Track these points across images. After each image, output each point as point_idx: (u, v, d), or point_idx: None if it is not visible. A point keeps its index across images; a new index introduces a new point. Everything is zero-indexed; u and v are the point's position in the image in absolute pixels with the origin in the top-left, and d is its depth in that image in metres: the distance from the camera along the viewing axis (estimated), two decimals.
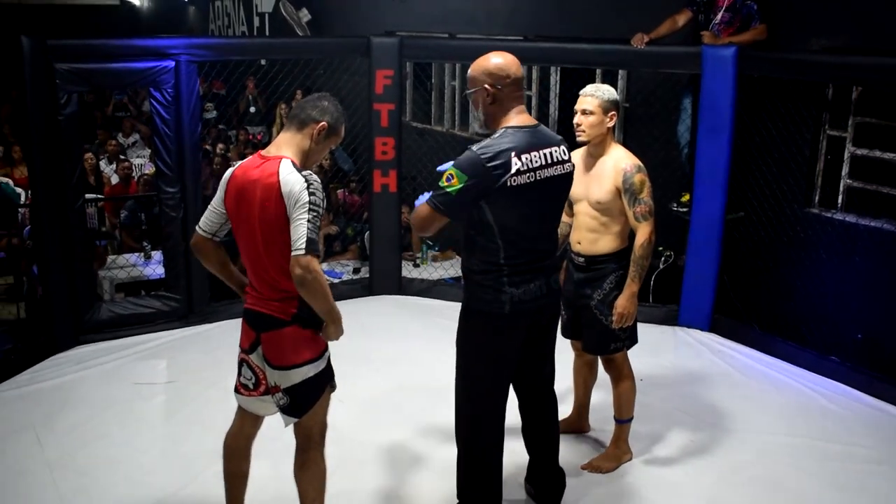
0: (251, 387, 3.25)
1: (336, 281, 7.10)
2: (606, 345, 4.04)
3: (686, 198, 6.09)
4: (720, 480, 4.11)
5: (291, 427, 3.26)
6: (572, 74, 7.25)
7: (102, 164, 9.80)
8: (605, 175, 3.91)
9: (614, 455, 4.20)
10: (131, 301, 6.08)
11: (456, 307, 3.42)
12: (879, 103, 5.41)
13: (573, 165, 3.42)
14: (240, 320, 3.26)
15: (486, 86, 3.26)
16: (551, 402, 3.71)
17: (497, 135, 3.24)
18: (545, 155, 3.26)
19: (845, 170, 5.63)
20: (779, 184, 5.77)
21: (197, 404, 4.83)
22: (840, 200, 5.68)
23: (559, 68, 7.62)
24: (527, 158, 3.19)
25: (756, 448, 4.43)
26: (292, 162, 3.02)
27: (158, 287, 6.46)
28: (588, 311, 4.04)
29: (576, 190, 4.03)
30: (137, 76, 5.58)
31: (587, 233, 4.00)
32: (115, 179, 9.27)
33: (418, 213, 3.30)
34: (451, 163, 3.21)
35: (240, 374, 3.28)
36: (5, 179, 9.03)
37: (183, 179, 5.77)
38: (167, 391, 5.13)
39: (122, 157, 9.98)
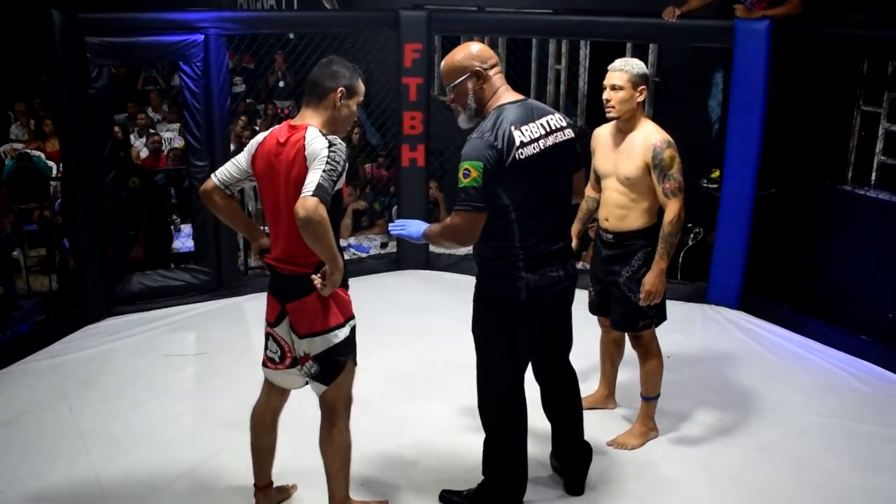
0: (277, 360, 3.28)
1: (364, 255, 7.12)
2: (634, 322, 4.02)
3: (716, 174, 6.04)
4: (747, 459, 4.10)
5: (316, 401, 3.29)
6: (602, 48, 7.20)
7: (132, 137, 9.87)
8: (634, 150, 3.87)
9: (640, 432, 4.20)
10: (161, 274, 6.14)
11: None
12: None
13: (574, 131, 3.37)
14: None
15: (477, 68, 3.24)
16: (569, 376, 3.71)
17: (492, 115, 3.22)
18: (543, 124, 3.24)
19: (879, 146, 5.55)
20: (811, 160, 5.70)
21: (226, 376, 4.88)
22: (874, 177, 5.60)
23: (589, 42, 7.55)
24: (527, 130, 3.19)
25: (784, 427, 4.41)
26: (317, 129, 3.05)
27: (188, 260, 6.52)
28: (616, 288, 4.02)
29: (604, 165, 4.01)
30: (167, 50, 5.60)
31: (615, 209, 3.97)
32: (144, 153, 9.33)
33: (455, 227, 3.19)
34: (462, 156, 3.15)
35: (266, 347, 3.31)
36: (37, 153, 9.12)
37: (212, 153, 5.79)
38: (197, 363, 5.19)
39: (151, 130, 10.03)
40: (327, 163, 2.91)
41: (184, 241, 6.99)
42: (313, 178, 2.89)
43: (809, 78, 5.61)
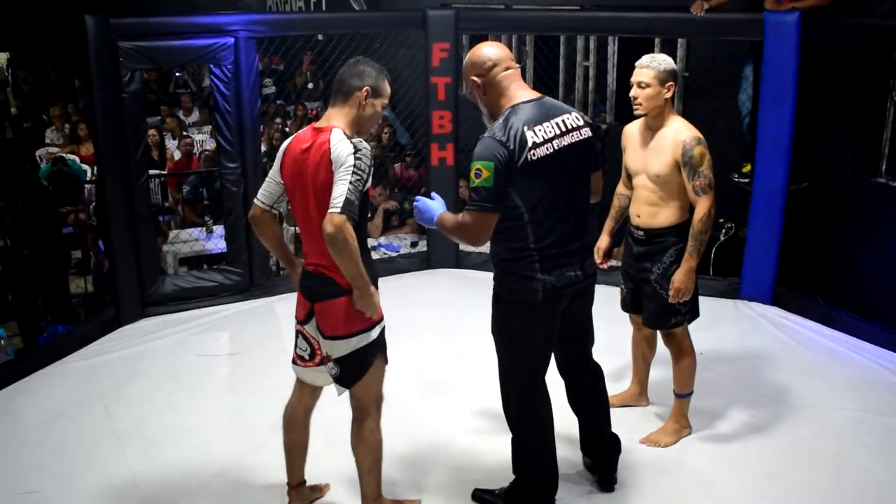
0: (307, 357, 3.30)
1: (394, 255, 7.14)
2: (666, 319, 3.99)
3: (748, 168, 5.99)
4: (782, 455, 4.06)
5: (348, 398, 3.31)
6: (630, 44, 7.16)
7: (167, 138, 9.98)
8: (663, 148, 3.84)
9: (673, 429, 4.18)
10: (194, 275, 6.21)
11: None
12: None
13: (592, 131, 3.32)
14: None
15: (473, 78, 3.24)
16: (594, 371, 3.69)
17: (503, 116, 3.18)
18: (558, 123, 3.19)
19: None
20: (843, 153, 5.63)
21: (259, 375, 4.92)
22: None
23: (617, 38, 7.51)
24: (541, 130, 3.14)
25: (819, 423, 4.36)
26: (343, 132, 3.05)
27: (220, 261, 6.59)
28: (648, 285, 4.00)
29: (634, 163, 3.99)
30: (198, 53, 5.66)
31: (646, 206, 3.95)
32: (177, 155, 9.42)
33: (466, 226, 3.19)
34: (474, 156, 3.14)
35: (296, 345, 3.34)
36: (72, 157, 9.24)
37: (243, 155, 5.84)
38: (230, 363, 5.24)
39: (184, 133, 10.13)
40: (354, 173, 2.92)
41: (216, 242, 7.05)
42: (340, 192, 2.90)
43: (840, 70, 5.54)
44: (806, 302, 5.76)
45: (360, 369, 3.21)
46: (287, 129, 9.51)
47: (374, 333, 3.20)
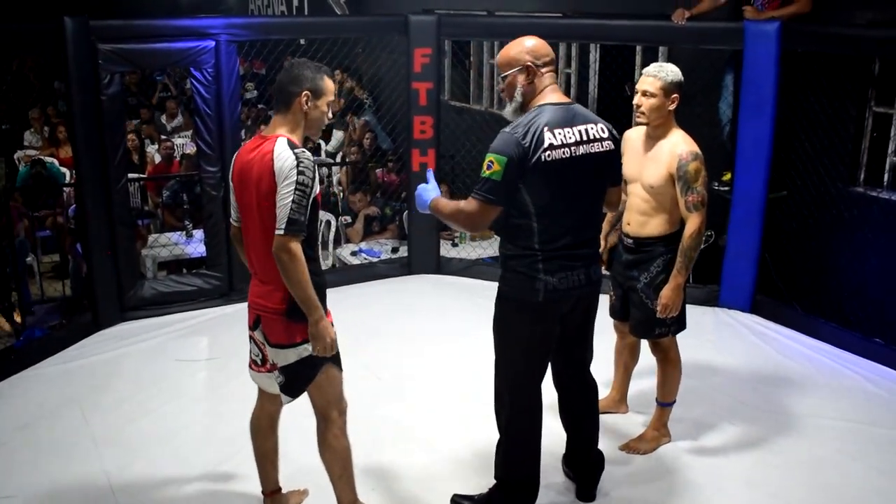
0: (259, 363, 3.29)
1: (375, 260, 7.13)
2: (651, 329, 3.99)
3: (727, 176, 6.02)
4: (760, 463, 4.08)
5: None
6: (612, 51, 7.19)
7: (147, 142, 9.94)
8: (660, 159, 3.82)
9: (653, 437, 4.18)
10: (173, 279, 6.17)
11: (494, 287, 3.42)
12: None
13: (615, 144, 3.32)
14: None
15: (529, 63, 3.22)
16: (589, 386, 3.68)
17: (530, 113, 3.20)
18: (581, 131, 3.20)
19: (892, 147, 5.51)
20: (823, 162, 5.67)
21: (238, 381, 4.85)
22: (886, 178, 5.56)
23: (598, 45, 7.54)
24: (561, 134, 3.15)
25: (798, 431, 4.38)
26: (288, 140, 3.02)
27: (200, 265, 6.55)
28: (635, 294, 4.00)
29: (630, 170, 3.96)
30: (178, 56, 5.63)
31: (637, 215, 3.94)
32: (157, 159, 9.38)
33: (465, 212, 3.22)
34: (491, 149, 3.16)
35: (250, 350, 3.34)
36: (50, 159, 9.18)
37: (223, 159, 5.81)
38: (209, 368, 5.21)
39: (163, 137, 10.09)
40: (296, 189, 2.91)
41: (196, 246, 7.01)
42: (284, 212, 2.91)
43: (820, 79, 5.58)
44: (785, 310, 5.79)
45: (305, 379, 3.18)
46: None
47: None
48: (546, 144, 3.11)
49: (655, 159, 3.84)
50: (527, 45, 3.26)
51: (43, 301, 7.01)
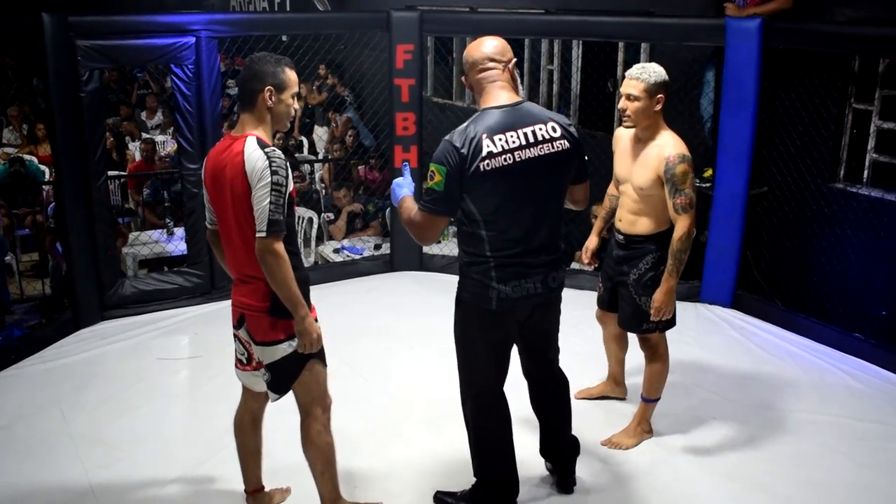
0: (245, 361, 3.28)
1: (357, 257, 7.11)
2: (639, 324, 4.02)
3: (709, 173, 6.04)
4: (742, 457, 4.10)
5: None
6: (594, 48, 7.20)
7: (127, 139, 9.87)
8: (648, 162, 3.82)
9: (635, 432, 4.20)
10: (154, 277, 6.13)
11: None
12: None
13: (571, 142, 3.19)
14: None
15: (466, 65, 3.22)
16: (557, 379, 3.67)
17: (472, 119, 3.13)
18: (527, 134, 3.10)
19: (871, 144, 5.55)
20: (803, 158, 5.70)
21: (220, 379, 4.86)
22: (866, 175, 5.60)
23: (581, 42, 7.55)
24: (501, 140, 3.05)
25: (779, 425, 4.41)
26: (257, 139, 3.00)
27: (181, 263, 6.50)
28: (625, 289, 4.03)
29: (621, 170, 3.99)
30: (158, 52, 5.59)
31: (628, 213, 3.97)
32: (138, 156, 9.32)
33: (415, 223, 3.18)
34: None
35: (235, 349, 3.32)
36: (29, 157, 9.10)
37: (204, 156, 5.75)
38: (190, 366, 5.18)
39: (145, 135, 10.03)
40: (272, 189, 2.91)
41: (177, 244, 6.98)
42: (263, 214, 2.91)
43: (801, 76, 5.61)
44: (766, 306, 5.82)
45: (291, 375, 3.19)
46: None
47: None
48: (484, 153, 3.03)
49: (644, 162, 3.84)
50: (467, 51, 3.23)
51: (22, 300, 6.96)
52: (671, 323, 4.05)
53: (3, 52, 12.00)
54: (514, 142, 3.08)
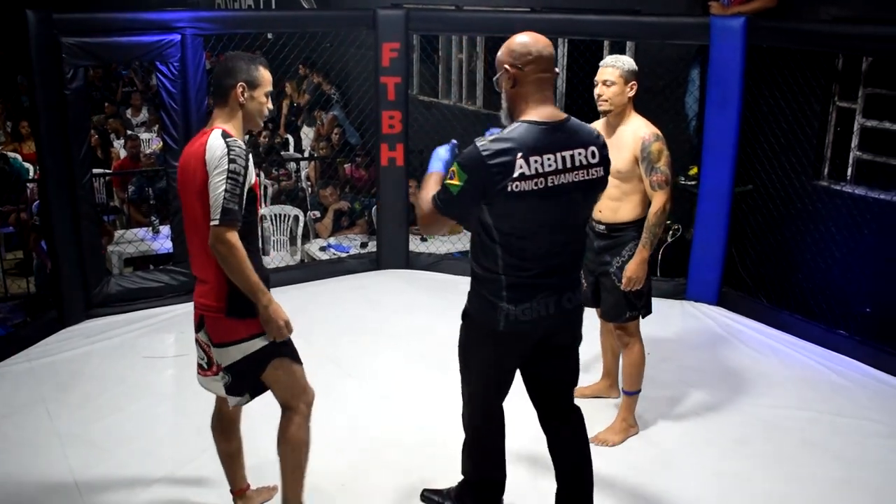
0: (205, 366, 3.21)
1: (344, 255, 7.11)
2: (622, 312, 4.08)
3: (694, 171, 6.06)
4: (726, 453, 4.12)
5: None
6: (580, 47, 7.22)
7: (112, 136, 9.83)
8: (624, 144, 3.94)
9: (621, 428, 4.22)
10: (140, 275, 6.11)
11: (463, 281, 3.40)
12: (890, 74, 5.36)
13: (605, 170, 3.03)
14: None
15: (506, 66, 2.89)
16: (575, 417, 3.34)
17: (509, 129, 2.88)
18: (563, 158, 2.87)
19: (855, 142, 5.59)
20: (788, 156, 5.74)
21: None
22: (850, 173, 5.64)
23: (567, 40, 7.57)
24: (536, 162, 2.82)
25: (763, 421, 4.44)
26: (223, 131, 2.97)
27: (167, 261, 6.49)
28: (607, 278, 4.09)
29: None
30: (143, 50, 5.57)
31: (608, 201, 4.00)
32: (122, 154, 9.28)
33: (423, 209, 3.02)
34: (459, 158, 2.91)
35: (197, 354, 3.25)
36: (14, 155, 9.05)
37: None
38: (176, 365, 5.16)
39: (130, 132, 9.99)
40: (228, 178, 2.85)
41: (162, 242, 6.95)
42: (217, 202, 2.84)
43: (785, 74, 5.64)
44: (751, 303, 5.85)
45: (252, 377, 3.12)
46: None
47: (262, 341, 3.08)
48: (516, 174, 2.80)
49: (619, 145, 3.94)
50: (509, 45, 2.92)
51: (7, 299, 6.92)
52: (649, 308, 4.14)
53: None
54: (549, 165, 2.85)
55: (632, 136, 3.93)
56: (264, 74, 3.09)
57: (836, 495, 3.81)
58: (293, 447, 3.23)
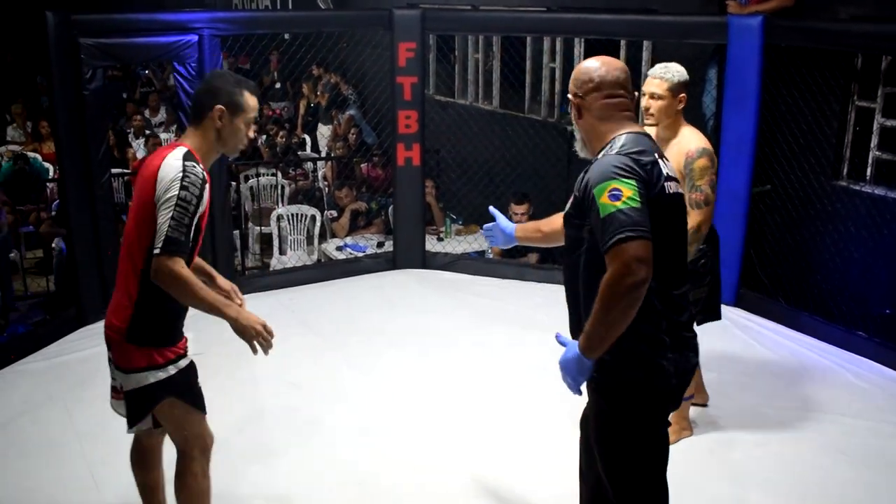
0: (118, 389, 2.96)
1: (360, 255, 7.12)
2: None
3: None
4: (744, 455, 4.10)
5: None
6: (596, 46, 7.19)
7: (130, 137, 9.89)
8: (671, 158, 3.80)
9: (674, 430, 4.14)
10: None
11: (479, 281, 3.39)
12: None
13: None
14: (265, 293, 3.22)
15: (570, 96, 2.61)
16: None
17: (622, 138, 2.48)
18: (669, 165, 2.56)
19: (874, 141, 5.55)
20: (806, 156, 5.70)
21: (222, 376, 4.85)
22: (869, 173, 5.60)
23: (583, 40, 7.55)
24: (666, 165, 2.49)
25: (781, 424, 4.40)
26: (188, 151, 2.76)
27: None
28: None
29: None
30: (161, 50, 5.60)
31: None
32: (140, 154, 9.34)
33: (621, 270, 2.25)
34: (597, 182, 2.35)
35: (111, 374, 3.03)
36: (33, 155, 9.13)
37: None
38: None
39: (147, 132, 10.05)
40: (177, 206, 2.63)
41: None
42: (161, 229, 2.63)
43: (803, 73, 5.61)
44: (769, 303, 5.81)
45: (142, 410, 2.90)
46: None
47: (168, 371, 2.88)
48: (665, 174, 2.43)
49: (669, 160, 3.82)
50: (574, 72, 2.62)
51: (27, 297, 6.97)
52: (711, 315, 4.12)
53: (4, 50, 12.03)
54: (668, 171, 2.50)
55: (677, 152, 3.74)
56: (249, 101, 2.86)
57: (852, 498, 3.78)
58: (191, 496, 3.02)
